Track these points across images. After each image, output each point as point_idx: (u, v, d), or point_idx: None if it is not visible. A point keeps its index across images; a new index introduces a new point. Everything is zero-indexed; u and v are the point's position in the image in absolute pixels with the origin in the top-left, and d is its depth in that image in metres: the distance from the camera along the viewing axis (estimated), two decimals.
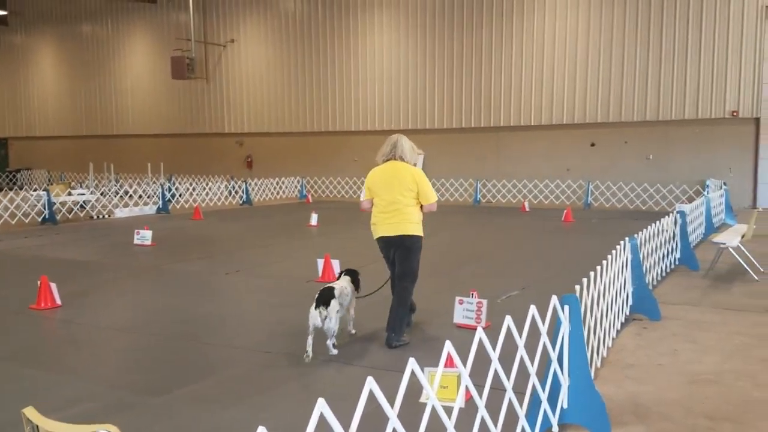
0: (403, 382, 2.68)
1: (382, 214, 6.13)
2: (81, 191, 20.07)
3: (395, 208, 6.05)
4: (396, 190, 6.05)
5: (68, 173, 31.81)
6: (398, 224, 6.05)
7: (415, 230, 6.10)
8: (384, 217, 6.11)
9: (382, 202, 6.13)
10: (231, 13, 28.16)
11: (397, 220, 6.05)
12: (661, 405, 4.62)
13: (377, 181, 6.19)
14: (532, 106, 22.20)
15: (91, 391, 4.98)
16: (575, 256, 11.09)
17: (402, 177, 6.08)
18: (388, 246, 6.21)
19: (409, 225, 6.06)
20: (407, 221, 6.05)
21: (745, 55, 19.10)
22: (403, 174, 6.10)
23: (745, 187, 19.54)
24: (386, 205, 6.09)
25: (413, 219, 6.08)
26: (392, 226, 6.07)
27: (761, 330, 6.49)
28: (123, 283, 9.25)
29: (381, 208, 6.14)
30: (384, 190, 6.11)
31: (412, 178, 6.08)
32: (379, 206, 6.15)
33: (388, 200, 6.07)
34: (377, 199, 6.18)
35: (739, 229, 10.21)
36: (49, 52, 34.34)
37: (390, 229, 6.09)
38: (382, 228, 6.14)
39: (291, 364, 5.54)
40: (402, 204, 6.04)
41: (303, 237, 14.19)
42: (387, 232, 6.12)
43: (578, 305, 4.00)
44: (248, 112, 28.29)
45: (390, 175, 6.13)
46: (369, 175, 6.31)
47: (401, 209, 6.04)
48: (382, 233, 6.17)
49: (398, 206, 6.04)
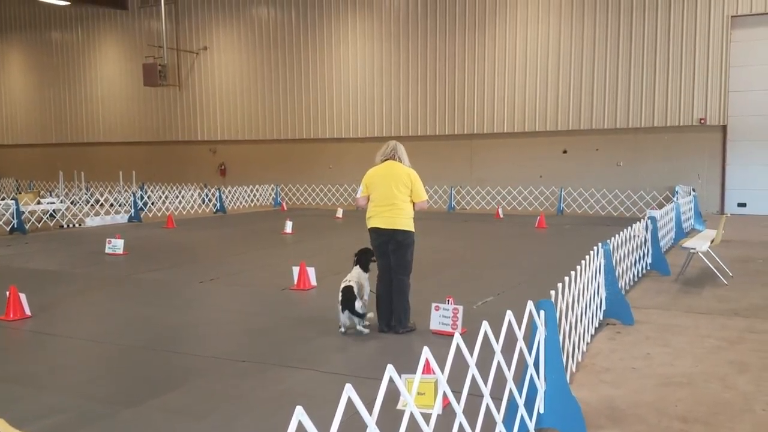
0: (381, 389, 2.68)
1: (377, 208, 6.60)
2: (51, 200, 19.74)
3: (391, 203, 6.52)
4: (392, 186, 6.54)
5: (37, 182, 31.26)
6: (392, 218, 6.52)
7: (407, 225, 6.58)
8: (379, 211, 6.58)
9: (378, 196, 6.60)
10: (203, 20, 28.01)
11: (391, 214, 6.53)
12: (635, 408, 4.67)
13: (375, 179, 6.66)
14: (505, 113, 22.42)
15: (61, 403, 4.88)
16: (549, 261, 11.19)
17: (398, 175, 6.58)
18: (380, 237, 6.61)
19: (402, 220, 6.54)
20: (400, 216, 6.53)
21: (712, 64, 19.52)
22: (399, 172, 6.59)
23: (713, 193, 19.95)
24: (382, 200, 6.56)
25: (406, 214, 6.57)
26: (386, 219, 6.54)
27: (730, 333, 6.62)
28: (94, 293, 9.10)
29: (377, 203, 6.61)
30: (381, 186, 6.59)
31: (407, 176, 6.58)
32: (375, 201, 6.63)
33: (385, 195, 6.55)
34: (374, 194, 6.64)
35: (708, 234, 10.41)
36: (18, 59, 33.78)
37: (384, 221, 6.55)
38: (377, 220, 6.60)
39: (265, 373, 5.49)
40: (397, 199, 6.53)
41: (278, 245, 14.12)
42: (381, 224, 6.57)
43: (554, 310, 4.04)
44: (221, 120, 28.11)
45: (387, 173, 6.61)
46: (367, 173, 6.74)
47: (396, 204, 6.52)
48: (376, 224, 6.61)
49: (393, 201, 6.52)
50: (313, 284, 9.06)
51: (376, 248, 6.69)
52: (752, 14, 19.00)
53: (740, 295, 8.41)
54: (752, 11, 18.96)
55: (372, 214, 6.65)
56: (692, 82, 19.82)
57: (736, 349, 6.06)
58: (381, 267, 6.70)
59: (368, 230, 6.72)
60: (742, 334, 6.56)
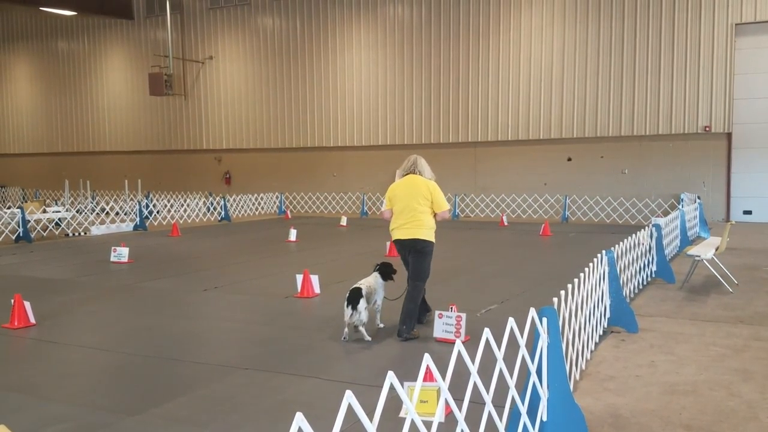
0: (381, 396, 2.67)
1: (399, 220, 6.92)
2: (56, 209, 19.81)
3: (411, 215, 6.82)
4: (412, 199, 6.84)
5: (43, 190, 31.40)
6: (412, 229, 6.82)
7: (427, 236, 6.84)
8: (401, 223, 6.89)
9: (400, 210, 6.91)
10: (209, 30, 28.16)
11: (412, 226, 6.82)
12: (639, 416, 4.65)
13: (397, 192, 6.97)
14: (509, 121, 22.43)
15: (65, 411, 4.88)
16: (554, 269, 11.17)
17: (418, 187, 6.86)
18: (403, 248, 6.95)
19: (422, 230, 6.81)
20: (421, 227, 6.81)
21: (717, 72, 19.51)
22: (419, 185, 6.88)
23: (718, 200, 19.89)
24: (403, 213, 6.87)
25: (427, 225, 6.84)
26: (407, 230, 6.84)
27: (735, 341, 6.58)
28: (98, 302, 9.12)
29: (399, 215, 6.92)
30: (402, 199, 6.90)
31: (427, 188, 6.86)
32: (398, 214, 6.94)
33: (406, 208, 6.86)
34: (396, 207, 6.95)
35: (713, 241, 10.37)
36: (25, 69, 34.01)
37: (405, 233, 6.86)
38: (399, 232, 6.91)
39: (269, 381, 5.49)
40: (417, 211, 6.81)
41: (282, 253, 14.13)
42: (402, 236, 6.89)
43: (556, 318, 4.02)
44: (226, 129, 28.21)
45: (408, 186, 6.92)
46: (390, 188, 7.10)
47: (416, 216, 6.81)
48: (398, 236, 6.94)
49: (414, 213, 6.81)
50: (317, 292, 9.06)
51: (402, 259, 7.05)
52: (756, 22, 18.99)
53: (745, 302, 8.37)
54: (756, 19, 18.95)
55: (394, 226, 6.97)
56: (697, 90, 19.80)
57: (741, 357, 6.03)
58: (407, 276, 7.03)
59: (393, 242, 7.05)
60: (747, 342, 6.53)
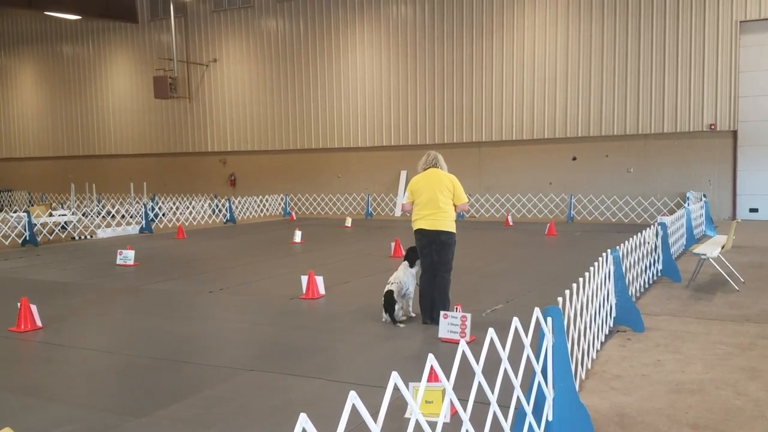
0: (386, 397, 2.67)
1: (423, 211, 7.18)
2: (62, 212, 19.89)
3: (435, 206, 7.12)
4: (436, 191, 7.14)
5: (49, 194, 31.52)
6: (436, 220, 7.10)
7: (450, 227, 7.16)
8: (425, 214, 7.17)
9: (423, 201, 7.19)
10: (213, 33, 28.23)
11: (435, 217, 7.11)
12: (645, 415, 4.63)
13: (420, 185, 7.25)
14: (513, 120, 22.40)
15: (72, 414, 4.90)
16: (559, 269, 11.15)
17: (441, 180, 7.19)
18: (424, 237, 7.19)
19: (445, 222, 7.12)
20: (444, 218, 7.11)
21: (722, 70, 19.44)
22: (441, 178, 7.21)
23: (724, 198, 19.81)
24: (427, 204, 7.15)
25: (449, 216, 7.15)
26: (431, 221, 7.12)
27: (742, 339, 6.56)
28: (104, 304, 9.15)
29: (422, 206, 7.19)
30: (426, 191, 7.19)
31: (449, 181, 7.21)
32: (420, 204, 7.21)
33: (429, 199, 7.15)
34: (419, 199, 7.23)
35: (719, 240, 10.33)
36: (30, 73, 34.16)
37: (429, 223, 7.13)
38: (422, 222, 7.18)
39: (274, 382, 5.49)
40: (440, 202, 7.11)
41: (287, 254, 14.15)
42: (426, 226, 7.15)
43: (561, 317, 4.02)
44: (231, 131, 28.27)
45: (431, 179, 7.22)
46: (412, 181, 7.36)
47: (440, 207, 7.11)
48: (421, 226, 7.19)
49: (437, 204, 7.11)
50: (322, 293, 9.07)
51: (421, 248, 7.27)
52: (761, 19, 18.91)
53: (752, 301, 8.34)
54: (761, 16, 18.87)
55: (417, 217, 7.23)
56: (702, 88, 19.73)
57: (747, 356, 6.01)
58: (424, 265, 7.30)
59: (414, 231, 7.31)
60: (753, 341, 6.50)
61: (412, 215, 7.33)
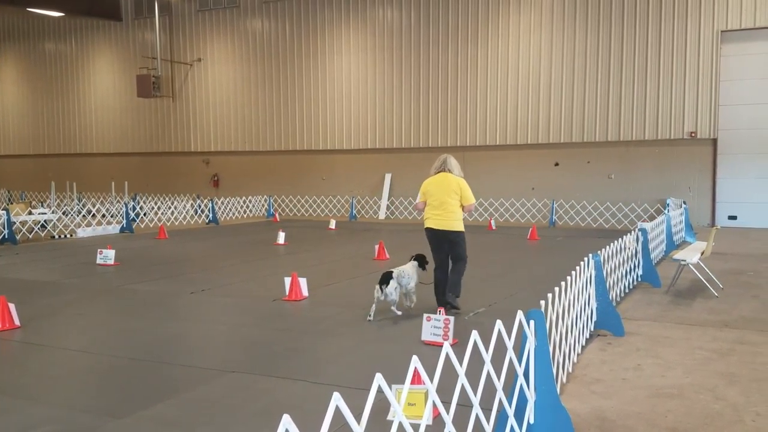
0: (369, 399, 2.67)
1: (433, 211, 7.94)
2: (42, 210, 19.66)
3: (444, 207, 7.86)
4: (445, 192, 7.87)
5: (29, 192, 31.14)
6: (445, 220, 7.85)
7: (458, 226, 7.92)
8: (435, 213, 7.92)
9: (434, 201, 7.94)
10: (198, 32, 28.08)
11: (444, 217, 7.86)
12: (625, 419, 4.68)
13: (431, 187, 8.00)
14: (497, 126, 22.53)
15: (51, 415, 4.85)
16: (541, 273, 11.22)
17: (450, 183, 7.91)
18: (434, 235, 7.96)
19: (453, 222, 7.87)
20: (452, 218, 7.86)
21: (703, 79, 19.70)
22: (450, 181, 7.92)
23: (704, 205, 20.06)
24: (437, 204, 7.90)
25: (456, 216, 7.90)
26: (440, 221, 7.88)
27: (720, 345, 6.64)
28: (84, 304, 9.06)
29: (433, 207, 7.95)
30: (436, 193, 7.93)
31: (457, 184, 7.90)
32: (432, 205, 7.97)
33: (439, 200, 7.89)
34: (430, 199, 7.98)
35: (699, 246, 10.46)
36: (11, 70, 33.74)
37: (438, 223, 7.89)
38: (433, 221, 7.94)
39: (256, 384, 5.47)
40: (449, 203, 7.85)
41: (270, 256, 14.09)
42: (435, 225, 7.91)
43: (543, 320, 4.05)
44: (215, 131, 28.12)
45: (441, 182, 7.95)
46: (424, 183, 8.10)
47: (448, 207, 7.85)
48: (431, 225, 7.95)
49: (446, 205, 7.85)
50: (305, 295, 9.05)
51: (432, 245, 8.05)
52: (742, 29, 19.20)
53: (730, 307, 8.45)
54: (742, 26, 19.17)
55: (428, 216, 7.99)
56: (683, 96, 19.98)
57: (726, 361, 6.09)
58: (436, 260, 8.04)
59: (424, 229, 8.06)
60: (732, 346, 6.59)
61: (423, 214, 8.11)
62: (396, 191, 24.26)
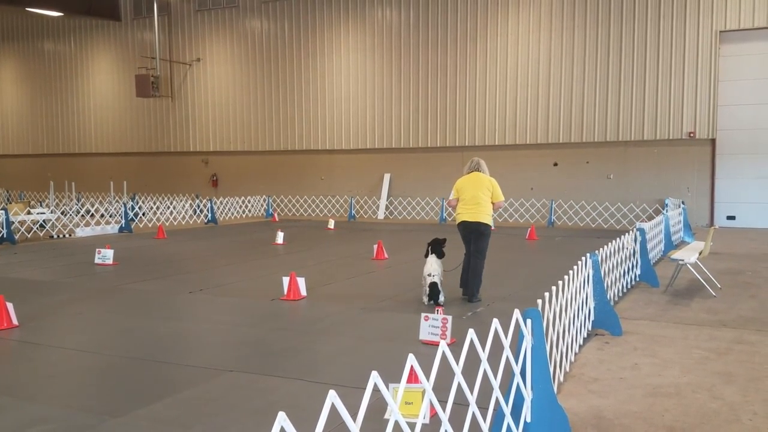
0: (365, 397, 2.68)
1: (466, 206, 8.61)
2: (41, 210, 19.65)
3: (476, 203, 8.52)
4: (478, 190, 8.54)
5: (28, 192, 31.12)
6: (477, 214, 8.52)
7: (487, 220, 8.58)
8: (467, 209, 8.58)
9: (466, 198, 8.59)
10: (197, 32, 28.07)
11: (476, 211, 8.52)
12: (622, 418, 4.69)
13: (465, 185, 8.67)
14: (497, 126, 22.54)
15: (48, 413, 4.85)
16: (539, 273, 11.23)
17: (482, 181, 8.61)
18: (466, 229, 8.64)
19: (484, 216, 8.55)
20: (483, 213, 8.54)
21: (701, 79, 19.71)
22: (482, 179, 8.64)
23: (702, 205, 20.07)
24: (469, 200, 8.56)
25: (487, 212, 8.57)
26: (472, 215, 8.54)
27: (718, 344, 6.65)
28: (82, 303, 9.06)
29: (465, 202, 8.61)
30: (469, 190, 8.59)
31: (489, 182, 8.62)
32: (464, 201, 8.62)
33: (472, 197, 8.55)
34: (463, 196, 8.63)
35: (697, 246, 10.47)
36: (10, 70, 33.72)
37: (471, 216, 8.55)
38: (465, 215, 8.59)
39: (254, 383, 5.47)
40: (481, 199, 8.52)
41: (268, 255, 14.09)
42: (468, 218, 8.56)
43: (540, 319, 4.05)
44: (214, 131, 28.12)
45: (473, 180, 8.65)
46: (458, 181, 8.77)
47: (480, 203, 8.52)
48: (464, 218, 8.61)
49: (478, 201, 8.52)
50: (304, 295, 9.05)
51: (464, 237, 8.74)
52: (740, 29, 19.22)
53: (728, 306, 8.46)
54: (740, 26, 19.18)
55: (461, 211, 8.63)
56: (681, 96, 20.00)
57: (723, 360, 6.09)
58: (467, 251, 8.77)
59: (457, 224, 8.75)
60: (729, 345, 6.60)
61: (456, 210, 8.71)
62: (395, 191, 24.26)
